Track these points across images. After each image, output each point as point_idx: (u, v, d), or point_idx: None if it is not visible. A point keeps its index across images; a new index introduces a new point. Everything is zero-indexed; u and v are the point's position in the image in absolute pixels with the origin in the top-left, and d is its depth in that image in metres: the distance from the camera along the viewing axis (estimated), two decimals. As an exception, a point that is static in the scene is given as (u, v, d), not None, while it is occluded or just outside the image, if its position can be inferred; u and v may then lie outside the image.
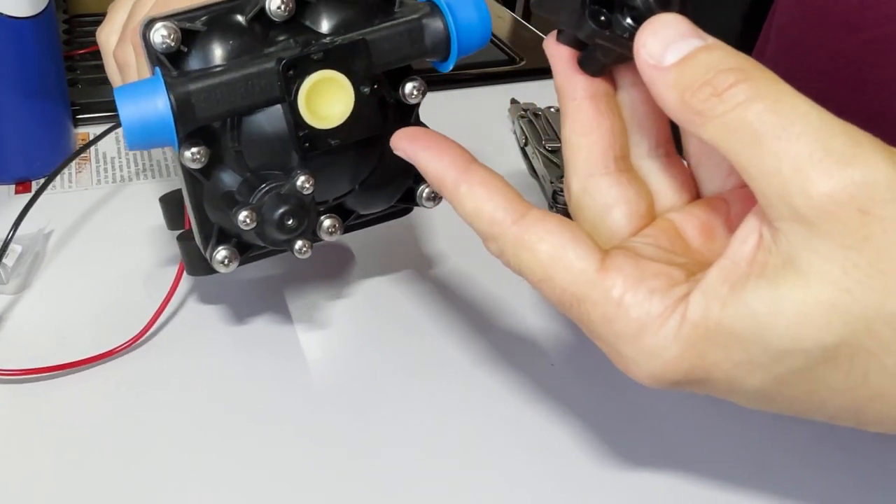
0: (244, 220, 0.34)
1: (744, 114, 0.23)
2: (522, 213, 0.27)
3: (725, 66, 0.23)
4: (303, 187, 0.34)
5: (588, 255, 0.26)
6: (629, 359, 0.26)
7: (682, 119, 0.24)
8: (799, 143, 0.22)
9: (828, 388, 0.24)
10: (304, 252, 0.35)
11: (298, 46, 0.33)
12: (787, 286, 0.23)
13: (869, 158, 0.22)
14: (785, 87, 0.23)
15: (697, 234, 0.29)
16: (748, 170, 0.23)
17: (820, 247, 0.22)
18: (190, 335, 0.43)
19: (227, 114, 0.33)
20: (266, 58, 0.33)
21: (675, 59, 0.24)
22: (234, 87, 0.33)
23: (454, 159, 0.28)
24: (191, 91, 0.32)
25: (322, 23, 0.35)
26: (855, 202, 0.22)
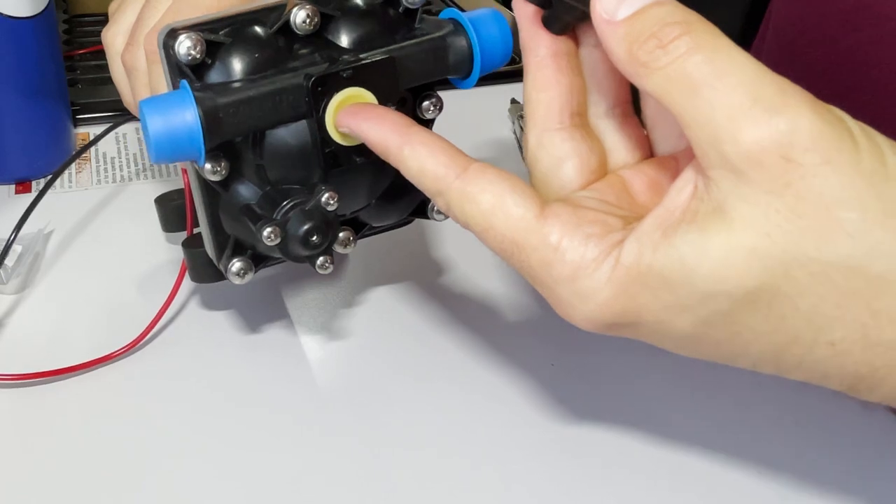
0: (269, 235, 0.33)
1: (683, 65, 0.24)
2: (464, 166, 0.28)
3: (671, 19, 0.24)
4: (327, 203, 0.34)
5: (527, 203, 0.27)
6: (566, 302, 0.27)
7: (630, 71, 0.25)
8: (732, 93, 0.23)
9: (750, 331, 0.25)
10: (326, 268, 0.35)
11: (323, 61, 0.33)
12: (714, 231, 0.24)
13: (795, 108, 0.23)
14: (724, 39, 0.24)
15: (645, 190, 0.30)
16: (685, 119, 0.24)
17: (746, 193, 0.23)
18: (190, 338, 0.43)
19: (254, 128, 0.33)
20: (292, 73, 0.33)
21: (627, 14, 0.25)
22: (263, 103, 0.32)
23: (394, 125, 0.29)
24: (219, 105, 0.32)
25: (344, 37, 0.35)
26: (779, 149, 0.22)
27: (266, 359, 0.43)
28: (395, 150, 0.29)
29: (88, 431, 0.38)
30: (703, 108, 0.23)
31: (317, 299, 0.46)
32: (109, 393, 0.40)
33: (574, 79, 0.30)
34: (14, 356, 0.41)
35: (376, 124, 0.30)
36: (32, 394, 0.40)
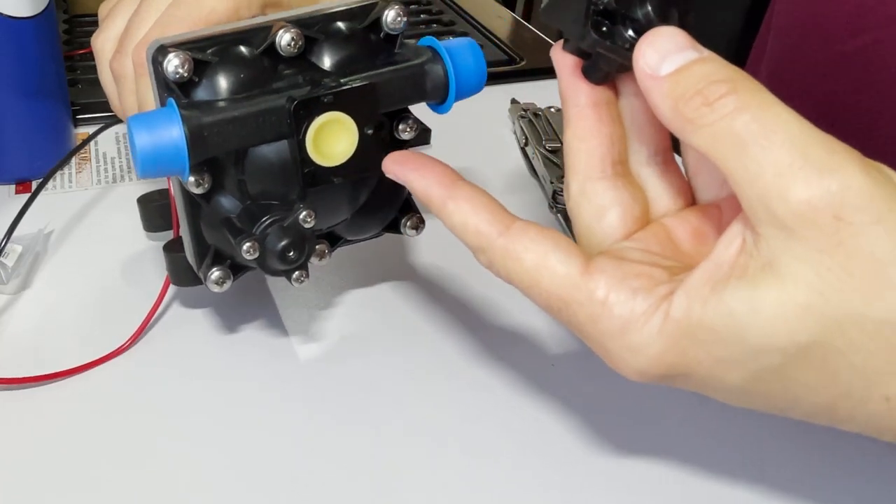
0: (247, 250, 0.34)
1: (731, 123, 0.24)
2: (507, 224, 0.29)
3: (717, 77, 0.25)
4: (304, 221, 0.35)
5: (570, 260, 0.27)
6: (616, 355, 0.27)
7: (675, 126, 0.25)
8: (780, 151, 0.23)
9: (802, 386, 0.25)
10: (302, 281, 0.36)
11: (306, 83, 0.34)
12: (765, 287, 0.24)
13: (845, 168, 0.23)
14: (770, 97, 0.24)
15: (689, 239, 0.30)
16: (733, 176, 0.24)
17: (797, 250, 0.23)
18: (182, 337, 0.43)
19: (237, 147, 0.34)
20: (276, 94, 0.34)
21: (671, 70, 0.25)
22: (246, 122, 0.33)
23: (440, 178, 0.30)
24: (204, 124, 0.33)
25: (326, 59, 0.36)
26: (830, 209, 0.23)
27: (258, 356, 0.43)
28: (439, 202, 0.30)
29: (82, 432, 0.38)
30: (752, 166, 0.24)
31: (309, 297, 0.46)
32: (103, 394, 0.40)
33: (615, 128, 0.30)
34: (14, 356, 0.41)
35: (422, 175, 0.31)
36: (31, 395, 0.40)
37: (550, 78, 0.31)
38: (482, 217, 0.29)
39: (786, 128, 0.24)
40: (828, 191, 0.23)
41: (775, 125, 0.24)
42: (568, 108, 0.31)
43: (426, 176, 0.30)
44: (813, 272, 0.23)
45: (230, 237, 0.35)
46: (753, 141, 0.24)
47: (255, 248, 0.35)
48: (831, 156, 0.23)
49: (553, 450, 0.39)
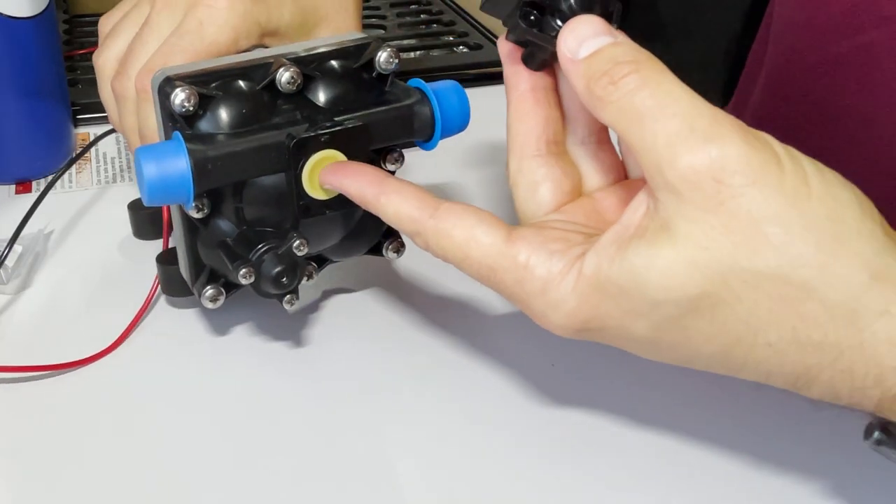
0: (244, 275, 0.36)
1: (631, 99, 0.27)
2: (435, 206, 0.31)
3: (623, 58, 0.27)
4: (298, 249, 0.37)
5: (494, 231, 0.30)
6: (539, 312, 0.30)
7: (589, 104, 0.28)
8: (671, 123, 0.26)
9: (698, 334, 0.28)
10: (292, 304, 0.39)
11: (303, 119, 0.37)
12: (660, 245, 0.27)
13: (725, 136, 0.26)
14: (669, 76, 0.27)
15: (614, 209, 0.33)
16: (633, 146, 0.27)
17: (686, 212, 0.26)
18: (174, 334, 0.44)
19: (238, 179, 0.36)
20: (275, 129, 0.36)
21: (586, 53, 0.28)
22: (247, 157, 0.36)
23: (370, 178, 0.33)
24: (209, 158, 0.35)
25: (322, 96, 0.38)
26: (711, 173, 0.25)
27: (247, 350, 0.43)
28: (373, 199, 0.33)
29: (77, 428, 0.38)
30: (648, 136, 0.26)
31: (307, 296, 0.46)
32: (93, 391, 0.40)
33: (550, 110, 0.33)
34: (14, 353, 0.41)
35: (354, 179, 0.34)
36: (27, 389, 0.40)
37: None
38: (412, 204, 0.31)
39: (677, 102, 0.26)
40: (709, 156, 0.25)
41: (668, 100, 0.26)
42: (509, 92, 0.34)
43: (358, 179, 0.34)
44: (700, 231, 0.26)
45: (227, 262, 0.37)
46: (649, 114, 0.26)
47: (251, 273, 0.37)
48: (715, 126, 0.26)
49: (553, 449, 0.39)
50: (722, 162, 0.25)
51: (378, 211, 0.33)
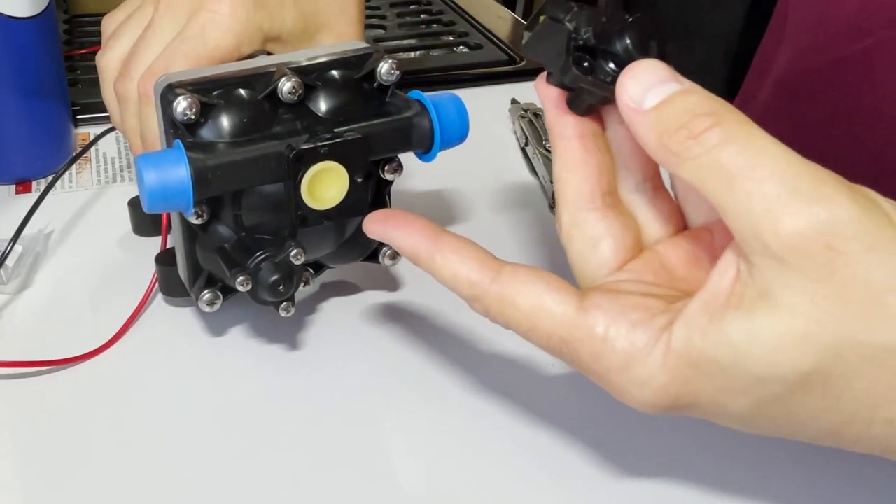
0: (241, 283, 0.37)
1: (717, 156, 0.24)
2: (497, 270, 0.28)
3: (700, 110, 0.25)
4: (295, 258, 0.37)
5: (565, 298, 0.27)
6: (622, 389, 0.27)
7: (661, 159, 0.26)
8: (768, 184, 0.23)
9: (805, 412, 0.26)
10: (289, 311, 0.39)
11: (303, 130, 0.37)
12: (762, 317, 0.24)
13: (833, 198, 0.23)
14: (755, 129, 0.24)
15: (683, 265, 0.30)
16: (723, 208, 0.24)
17: (791, 280, 0.24)
18: (169, 335, 0.44)
19: (237, 187, 0.36)
20: (275, 139, 0.36)
21: (654, 103, 0.25)
22: (247, 166, 0.36)
23: (423, 233, 0.30)
24: (209, 167, 0.35)
25: (322, 105, 0.38)
26: (821, 239, 0.23)
27: (244, 347, 0.43)
28: (427, 257, 0.30)
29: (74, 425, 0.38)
30: (741, 198, 0.24)
31: (305, 298, 0.46)
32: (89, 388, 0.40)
33: (602, 158, 0.30)
34: (14, 353, 0.41)
35: (405, 233, 0.31)
36: (24, 385, 0.40)
37: (550, 78, 0.31)
38: (471, 266, 0.29)
39: (772, 160, 0.24)
40: (818, 221, 0.23)
41: (761, 157, 0.24)
42: (555, 140, 0.31)
43: (410, 233, 0.31)
44: (809, 301, 0.24)
45: (225, 269, 0.37)
46: (740, 174, 0.24)
47: (248, 281, 0.37)
48: (819, 186, 0.23)
49: (552, 451, 0.39)
50: (832, 226, 0.23)
51: (432, 271, 0.30)
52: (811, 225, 0.23)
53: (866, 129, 0.42)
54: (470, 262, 0.29)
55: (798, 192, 0.23)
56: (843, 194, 0.23)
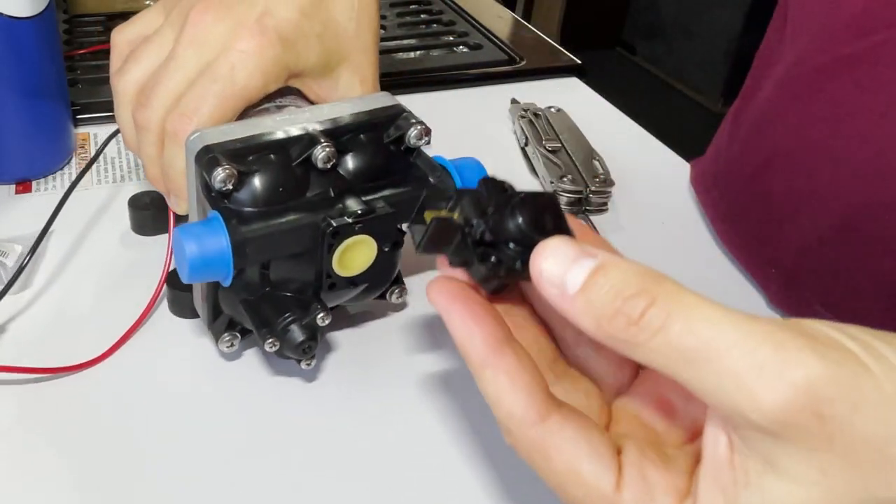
0: (270, 344, 0.38)
1: (666, 339, 0.23)
2: (544, 415, 0.26)
3: (629, 290, 0.24)
4: (321, 320, 0.38)
5: (603, 473, 0.26)
6: None
7: (609, 343, 0.24)
8: (728, 360, 0.22)
9: None
10: (310, 365, 0.40)
11: (337, 198, 0.38)
12: (776, 491, 0.23)
13: (802, 361, 0.22)
14: (690, 297, 0.23)
15: (656, 414, 0.29)
16: (692, 388, 0.23)
17: (792, 452, 0.23)
18: (172, 342, 0.44)
19: (273, 256, 0.37)
20: (309, 207, 0.37)
21: (578, 287, 0.24)
22: (283, 237, 0.37)
23: (486, 339, 0.27)
24: (247, 239, 0.36)
25: (350, 166, 0.39)
26: (808, 409, 0.22)
27: (247, 352, 0.43)
28: (478, 364, 0.27)
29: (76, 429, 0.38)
30: (708, 378, 0.23)
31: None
32: (92, 394, 0.40)
33: (538, 331, 0.29)
34: (14, 353, 0.41)
35: (467, 329, 0.27)
36: (27, 390, 0.40)
37: (551, 78, 0.31)
38: (519, 398, 0.26)
39: (721, 332, 0.23)
40: (797, 390, 0.22)
41: (709, 331, 0.23)
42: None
43: (472, 331, 0.27)
44: (818, 471, 0.23)
45: (253, 327, 0.38)
46: (696, 355, 0.23)
47: (276, 343, 0.38)
48: (781, 352, 0.22)
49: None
50: (813, 393, 0.22)
51: (476, 378, 0.27)
52: (792, 397, 0.22)
53: (873, 128, 0.42)
54: (519, 393, 0.26)
55: (764, 363, 0.22)
56: (808, 354, 0.22)
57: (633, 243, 0.54)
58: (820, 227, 0.46)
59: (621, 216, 0.57)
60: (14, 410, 0.39)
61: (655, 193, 0.60)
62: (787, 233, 0.48)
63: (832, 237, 0.45)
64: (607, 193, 0.56)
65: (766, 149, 0.50)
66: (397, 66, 0.74)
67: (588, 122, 0.63)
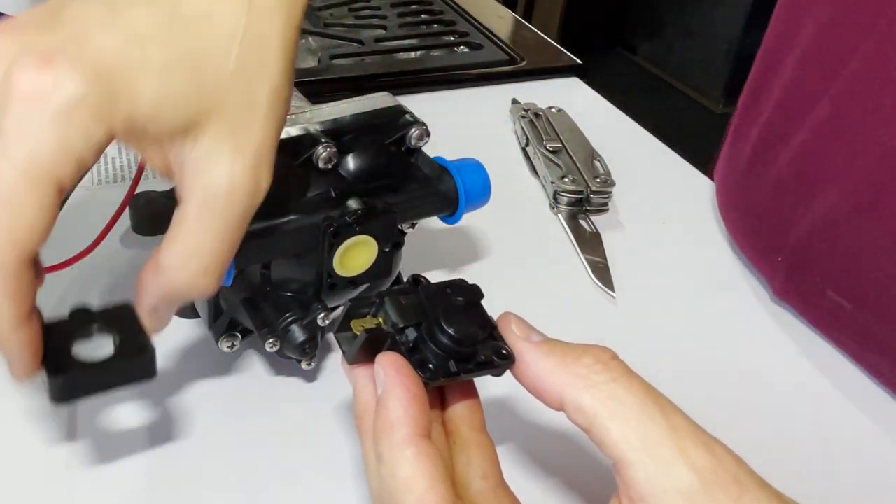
0: (271, 344, 0.38)
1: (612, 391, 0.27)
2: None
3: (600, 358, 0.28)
4: (322, 320, 0.38)
5: None
6: None
7: (560, 383, 0.28)
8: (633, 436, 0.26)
9: None
10: (311, 365, 0.40)
11: (338, 198, 0.38)
12: None
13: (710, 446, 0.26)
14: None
15: None
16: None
17: None
18: (168, 339, 0.44)
19: (274, 257, 0.37)
20: (310, 207, 0.37)
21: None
22: (284, 238, 0.37)
23: (420, 417, 0.27)
24: (248, 239, 0.35)
25: (351, 166, 0.39)
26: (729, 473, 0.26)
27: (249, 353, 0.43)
28: (400, 441, 0.27)
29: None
30: None
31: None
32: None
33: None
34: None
35: (404, 404, 0.28)
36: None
37: (551, 78, 0.31)
38: (437, 487, 0.26)
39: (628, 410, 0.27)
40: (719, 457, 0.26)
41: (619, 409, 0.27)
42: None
43: (410, 405, 0.27)
44: None
45: (253, 327, 0.38)
46: None
47: (277, 343, 0.38)
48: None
49: (552, 450, 0.38)
50: (732, 463, 0.26)
51: (386, 450, 0.27)
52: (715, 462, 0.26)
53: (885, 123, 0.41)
54: (437, 483, 0.26)
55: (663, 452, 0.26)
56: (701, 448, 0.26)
57: (633, 243, 0.54)
58: (832, 208, 0.45)
59: (622, 216, 0.57)
60: (14, 412, 0.39)
61: (656, 193, 0.60)
62: (799, 216, 0.47)
63: (845, 218, 0.44)
64: (608, 193, 0.56)
65: (785, 128, 0.49)
66: (398, 66, 0.74)
67: (589, 122, 0.63)
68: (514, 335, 0.30)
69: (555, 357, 0.28)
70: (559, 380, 0.28)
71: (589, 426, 0.27)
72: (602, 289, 0.50)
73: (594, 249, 0.53)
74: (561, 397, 0.28)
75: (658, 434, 0.26)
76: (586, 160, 0.58)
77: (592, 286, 0.50)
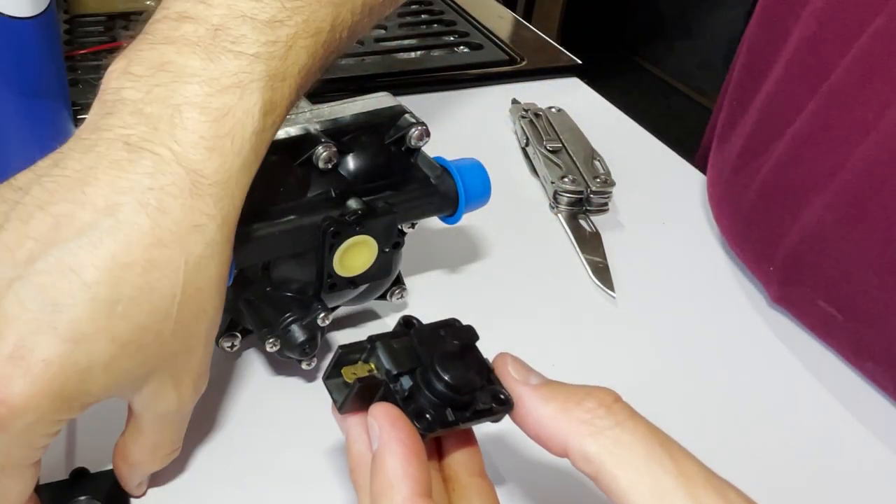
0: (271, 344, 0.38)
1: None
2: None
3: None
4: (322, 320, 0.38)
5: None
6: None
7: (563, 429, 0.27)
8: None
9: None
10: (311, 365, 0.40)
11: (338, 199, 0.38)
12: None
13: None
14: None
15: None
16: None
17: None
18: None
19: (275, 256, 0.37)
20: (310, 208, 0.37)
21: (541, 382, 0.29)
22: (284, 237, 0.37)
23: (422, 478, 0.27)
24: (250, 240, 0.36)
25: (351, 166, 0.39)
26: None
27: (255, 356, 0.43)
28: (407, 495, 0.26)
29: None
30: None
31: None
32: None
33: None
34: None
35: (406, 462, 0.27)
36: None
37: (551, 78, 0.31)
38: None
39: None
40: None
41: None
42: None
43: (410, 463, 0.27)
44: None
45: (254, 327, 0.39)
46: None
47: (277, 342, 0.38)
48: None
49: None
50: None
51: None
52: None
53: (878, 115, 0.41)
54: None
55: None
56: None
57: (633, 243, 0.54)
58: (818, 219, 0.45)
59: (622, 216, 0.57)
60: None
61: (656, 193, 0.60)
62: (787, 227, 0.48)
63: (830, 229, 0.44)
64: (608, 193, 0.56)
65: (768, 138, 0.49)
66: (398, 66, 0.74)
67: (589, 122, 0.63)
68: (511, 378, 0.29)
69: (556, 402, 0.28)
70: (562, 426, 0.27)
71: (595, 474, 0.26)
72: (602, 289, 0.50)
73: (594, 249, 0.53)
74: (565, 445, 0.27)
75: (668, 482, 0.25)
76: (586, 160, 0.58)
77: (592, 286, 0.50)
